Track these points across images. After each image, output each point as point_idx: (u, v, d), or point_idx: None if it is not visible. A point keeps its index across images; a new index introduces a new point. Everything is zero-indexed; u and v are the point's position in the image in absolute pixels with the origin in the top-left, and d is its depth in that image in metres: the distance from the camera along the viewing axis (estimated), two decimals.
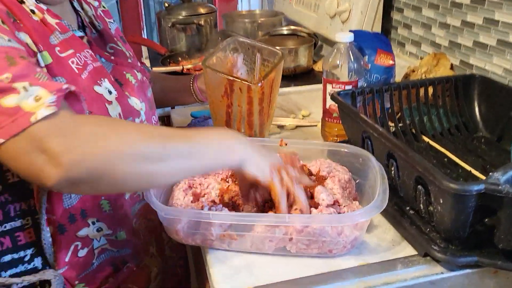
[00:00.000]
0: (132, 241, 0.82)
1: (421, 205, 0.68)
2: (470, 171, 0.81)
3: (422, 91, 0.97)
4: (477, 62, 1.06)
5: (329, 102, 0.96)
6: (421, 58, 1.22)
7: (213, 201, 0.73)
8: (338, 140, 0.98)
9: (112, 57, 0.81)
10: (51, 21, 0.70)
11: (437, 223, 0.65)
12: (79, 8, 0.82)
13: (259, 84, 0.80)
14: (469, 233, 0.63)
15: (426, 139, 0.93)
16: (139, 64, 0.89)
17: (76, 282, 0.76)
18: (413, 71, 1.10)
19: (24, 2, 0.67)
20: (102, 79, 0.74)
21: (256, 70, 0.94)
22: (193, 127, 1.06)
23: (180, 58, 1.59)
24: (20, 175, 0.60)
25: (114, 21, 0.92)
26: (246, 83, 0.80)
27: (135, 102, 0.80)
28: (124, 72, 0.82)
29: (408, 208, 0.73)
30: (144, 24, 2.96)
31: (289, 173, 0.67)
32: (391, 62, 0.98)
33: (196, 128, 0.98)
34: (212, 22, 1.74)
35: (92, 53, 0.75)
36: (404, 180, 0.71)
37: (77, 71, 0.70)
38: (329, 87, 0.96)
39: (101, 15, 0.88)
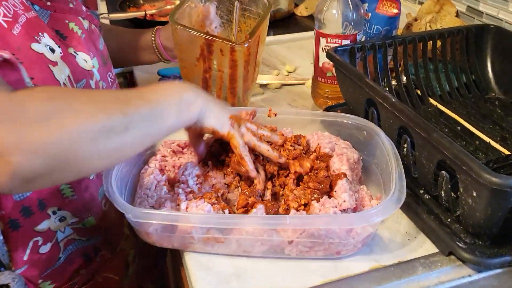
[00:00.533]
0: (102, 226, 0.71)
1: (443, 192, 0.57)
2: (489, 142, 0.70)
3: (429, 44, 0.83)
4: (488, 9, 0.92)
5: (322, 60, 0.82)
6: (420, 3, 1.07)
7: (192, 192, 0.59)
8: (329, 104, 0.84)
9: (49, 3, 0.63)
10: None
11: (465, 217, 0.54)
12: None
13: (246, 45, 0.64)
14: (502, 228, 0.53)
15: (433, 101, 0.81)
16: (84, 8, 0.71)
17: (40, 281, 0.65)
18: (415, 19, 0.95)
19: None
20: (40, 33, 0.59)
21: (235, 22, 0.78)
22: None
23: (142, 1, 1.38)
24: None
25: None
26: (229, 43, 0.64)
27: (84, 58, 0.65)
28: (66, 21, 0.65)
29: (422, 191, 0.62)
30: None
31: (249, 127, 0.60)
32: (395, 10, 0.83)
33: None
34: None
35: (23, 0, 0.57)
36: (422, 161, 0.59)
37: (6, 26, 0.55)
38: (322, 42, 0.81)
39: None
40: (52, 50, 0.60)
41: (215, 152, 0.65)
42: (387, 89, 0.81)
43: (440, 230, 0.57)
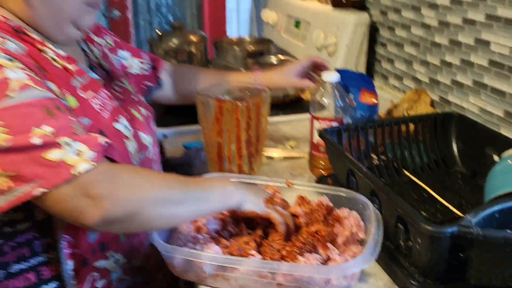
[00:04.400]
0: (145, 267, 0.88)
1: (401, 242, 0.73)
2: (448, 207, 0.87)
3: (403, 127, 1.03)
4: (455, 100, 1.13)
5: (316, 138, 1.02)
6: (404, 92, 1.29)
7: (212, 238, 0.77)
8: (325, 174, 1.03)
9: (119, 95, 0.86)
10: (70, 66, 0.75)
11: (415, 260, 0.70)
12: (87, 50, 0.87)
13: (245, 105, 0.87)
14: (445, 269, 0.69)
15: (407, 173, 0.99)
16: (142, 99, 0.94)
17: None
18: (395, 106, 1.16)
19: (43, 51, 0.72)
20: (119, 116, 0.80)
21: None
22: (186, 159, 1.10)
23: None
24: (60, 217, 0.66)
25: (119, 55, 0.98)
26: (234, 102, 0.88)
27: (144, 136, 0.86)
28: (130, 109, 0.87)
29: (388, 242, 0.78)
30: (135, 45, 3.02)
31: (277, 209, 0.77)
32: (374, 100, 1.04)
33: (184, 163, 1.07)
34: (202, 49, 1.79)
35: (108, 93, 0.80)
36: (387, 217, 0.76)
37: (98, 111, 0.76)
38: (315, 123, 1.01)
39: (107, 53, 0.93)
40: (127, 128, 0.81)
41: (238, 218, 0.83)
42: (368, 163, 0.99)
43: (399, 272, 0.72)
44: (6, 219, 0.72)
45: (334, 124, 0.99)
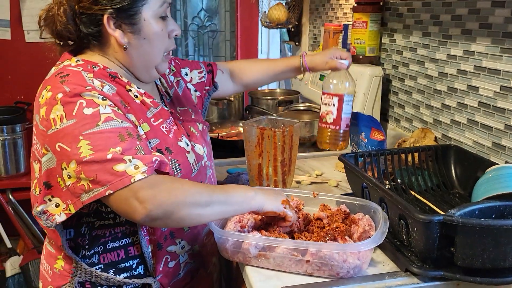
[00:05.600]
0: (202, 253, 1.10)
1: (403, 236, 0.94)
2: None
3: (410, 156, 1.25)
4: (454, 136, 1.35)
5: (323, 109, 1.28)
6: (413, 132, 1.51)
7: (252, 227, 0.99)
8: (328, 148, 1.29)
9: (181, 117, 1.11)
10: (147, 100, 1.01)
11: (414, 248, 0.90)
12: (159, 83, 1.14)
13: (281, 131, 1.11)
14: (438, 255, 0.88)
15: (413, 193, 1.20)
16: (200, 115, 1.19)
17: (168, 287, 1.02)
18: (404, 141, 1.39)
19: (130, 90, 0.99)
20: (182, 135, 1.04)
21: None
22: (230, 180, 1.34)
23: (213, 127, 1.91)
24: (118, 213, 0.88)
25: (182, 73, 1.23)
26: (272, 129, 1.13)
27: (199, 148, 1.09)
28: (189, 127, 1.11)
29: (395, 240, 0.98)
30: None
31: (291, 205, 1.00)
32: (382, 137, 1.27)
33: (228, 183, 1.30)
34: (240, 98, 2.08)
35: (173, 119, 1.06)
36: (392, 217, 0.97)
37: (166, 133, 1.00)
38: (323, 98, 1.30)
39: (172, 81, 1.19)
40: (187, 145, 1.05)
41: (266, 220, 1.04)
42: (380, 183, 1.20)
43: (402, 258, 0.92)
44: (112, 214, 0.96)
45: (335, 98, 1.26)
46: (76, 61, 0.96)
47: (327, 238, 0.93)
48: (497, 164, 1.09)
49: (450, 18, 1.34)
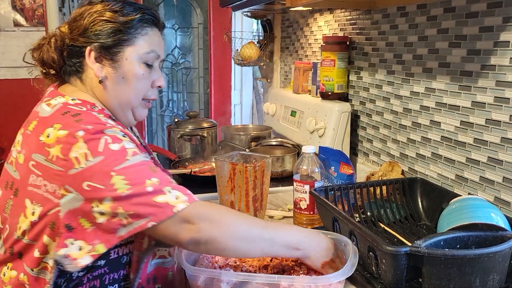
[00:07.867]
0: None
1: (373, 268, 0.95)
2: None
3: (378, 190, 1.28)
4: (420, 169, 1.40)
5: (295, 195, 1.28)
6: (381, 165, 1.56)
7: (224, 263, 0.99)
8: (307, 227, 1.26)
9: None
10: (136, 139, 1.04)
11: (384, 280, 0.92)
12: (129, 129, 1.16)
13: (253, 166, 1.13)
14: (407, 287, 0.90)
15: (382, 225, 1.23)
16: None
17: None
18: (372, 174, 1.42)
19: (132, 129, 1.03)
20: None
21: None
22: None
23: (187, 163, 1.92)
24: (162, 239, 0.88)
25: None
26: (245, 164, 1.14)
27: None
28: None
29: (366, 272, 1.00)
30: (146, 133, 3.37)
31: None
32: (351, 171, 1.30)
33: None
34: (213, 134, 2.10)
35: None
36: (361, 250, 0.99)
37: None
38: (295, 185, 1.27)
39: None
40: None
41: None
42: (350, 216, 1.23)
43: None
44: None
45: (307, 186, 1.25)
46: (72, 99, 0.96)
47: (301, 273, 0.94)
48: (460, 195, 1.13)
49: (411, 57, 1.41)
